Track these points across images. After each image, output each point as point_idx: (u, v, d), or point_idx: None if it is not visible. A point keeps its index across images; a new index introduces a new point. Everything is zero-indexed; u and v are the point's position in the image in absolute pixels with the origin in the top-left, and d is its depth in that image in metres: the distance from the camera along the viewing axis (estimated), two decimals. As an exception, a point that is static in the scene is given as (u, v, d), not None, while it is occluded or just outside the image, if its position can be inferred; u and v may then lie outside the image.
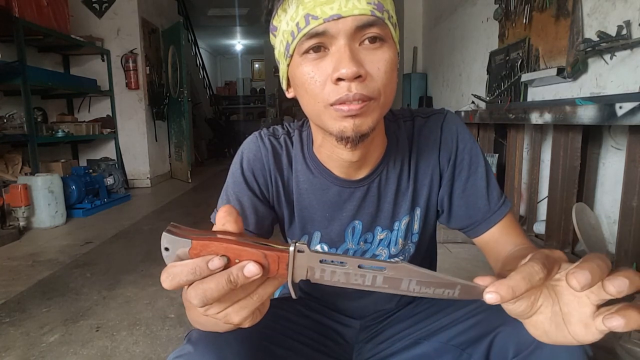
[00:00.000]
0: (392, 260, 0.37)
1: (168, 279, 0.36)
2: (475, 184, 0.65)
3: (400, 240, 0.68)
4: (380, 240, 0.69)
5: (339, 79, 0.49)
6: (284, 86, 0.59)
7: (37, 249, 2.54)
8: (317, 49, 0.50)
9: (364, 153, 0.60)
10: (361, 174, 0.65)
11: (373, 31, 0.49)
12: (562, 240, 1.94)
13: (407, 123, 0.67)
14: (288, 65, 0.55)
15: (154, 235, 2.84)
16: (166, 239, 0.37)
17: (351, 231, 0.68)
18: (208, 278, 0.35)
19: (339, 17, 0.48)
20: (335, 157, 0.61)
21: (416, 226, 0.69)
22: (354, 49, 0.49)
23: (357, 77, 0.49)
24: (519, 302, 0.38)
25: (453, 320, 0.63)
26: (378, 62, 0.50)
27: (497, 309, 0.56)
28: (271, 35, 0.57)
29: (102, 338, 1.47)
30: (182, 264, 0.36)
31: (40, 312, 1.67)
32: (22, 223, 2.87)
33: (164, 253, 0.38)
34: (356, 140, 0.53)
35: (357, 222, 0.67)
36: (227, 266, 0.36)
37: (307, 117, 0.61)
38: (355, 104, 0.50)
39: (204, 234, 0.37)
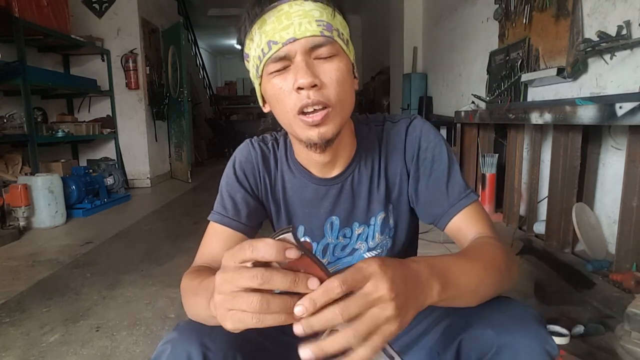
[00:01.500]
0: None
1: (263, 279, 0.38)
2: (436, 180, 0.69)
3: (377, 235, 0.74)
4: (359, 234, 0.74)
5: (299, 88, 0.58)
6: (260, 103, 0.68)
7: (37, 249, 2.54)
8: (281, 68, 0.60)
9: (334, 153, 0.68)
10: (334, 173, 0.72)
11: (324, 50, 0.59)
12: (562, 240, 1.94)
13: (377, 127, 0.74)
14: (260, 84, 0.64)
15: (154, 235, 2.85)
16: (284, 237, 0.40)
17: (329, 226, 0.74)
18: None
19: (294, 40, 0.57)
20: (310, 159, 0.70)
21: (391, 221, 0.74)
22: (309, 63, 0.58)
23: (314, 86, 0.58)
24: None
25: (427, 326, 0.67)
26: (330, 72, 0.59)
27: (459, 314, 0.58)
28: (245, 62, 0.66)
29: (102, 338, 1.47)
30: (284, 274, 0.38)
31: (40, 312, 1.67)
32: (22, 223, 2.87)
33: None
34: (323, 145, 0.62)
35: (334, 217, 0.74)
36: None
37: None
38: (316, 114, 0.59)
39: (314, 258, 0.40)
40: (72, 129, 3.88)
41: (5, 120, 3.31)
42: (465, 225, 0.67)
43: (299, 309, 0.37)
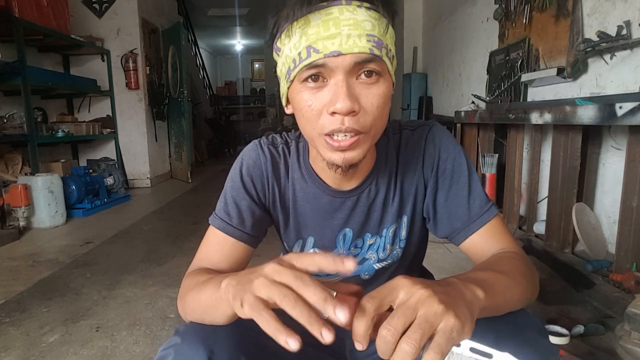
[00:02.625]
0: (500, 352, 0.39)
1: (302, 280, 0.39)
2: (457, 193, 0.67)
3: (387, 246, 0.71)
4: (370, 245, 0.72)
5: (334, 112, 0.52)
6: (283, 102, 0.63)
7: (37, 249, 2.54)
8: (315, 77, 0.54)
9: (354, 169, 0.64)
10: (351, 185, 0.68)
11: (370, 67, 0.53)
12: (562, 240, 1.94)
13: (395, 136, 0.70)
14: (288, 87, 0.58)
15: (154, 235, 2.85)
16: None
17: (342, 238, 0.71)
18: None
19: (339, 54, 0.51)
20: (327, 170, 0.65)
21: (403, 233, 0.72)
22: (350, 84, 0.53)
23: (351, 112, 0.52)
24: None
25: None
26: (372, 97, 0.54)
27: None
28: (274, 53, 0.60)
29: (102, 338, 1.47)
30: (320, 288, 0.39)
31: (40, 312, 1.67)
32: (22, 223, 2.87)
33: None
34: (346, 169, 0.58)
35: (347, 229, 0.71)
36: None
37: None
38: (345, 140, 0.54)
39: (345, 293, 0.41)
40: (72, 129, 3.88)
41: (5, 120, 3.31)
42: (486, 241, 0.64)
43: (358, 346, 0.38)
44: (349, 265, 0.39)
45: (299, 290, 0.38)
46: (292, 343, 0.37)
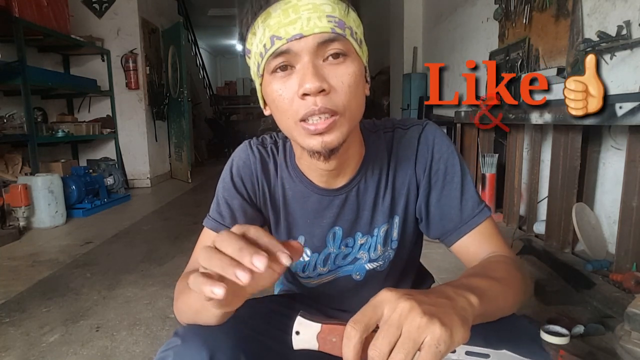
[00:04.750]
0: (497, 351, 0.39)
1: (221, 237, 0.39)
2: (449, 194, 0.66)
3: (379, 247, 0.71)
4: (361, 244, 0.71)
5: (305, 94, 0.52)
6: (261, 104, 0.62)
7: (37, 249, 2.54)
8: (284, 67, 0.54)
9: (340, 162, 0.63)
10: (339, 183, 0.67)
11: (335, 47, 0.53)
12: (562, 240, 1.94)
13: (387, 134, 0.69)
14: (261, 84, 0.58)
15: (154, 235, 2.85)
16: (298, 322, 0.41)
17: (332, 237, 0.71)
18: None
19: (301, 37, 0.51)
20: (313, 167, 0.64)
21: (395, 234, 0.71)
22: (317, 65, 0.53)
23: (321, 92, 0.52)
24: None
25: None
26: (342, 76, 0.53)
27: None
28: (246, 58, 0.61)
29: (102, 338, 1.47)
30: (236, 240, 0.38)
31: (40, 312, 1.67)
32: (22, 223, 2.87)
33: (295, 337, 0.41)
34: (327, 154, 0.56)
35: (337, 228, 0.70)
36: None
37: None
38: (321, 122, 0.53)
39: (332, 321, 0.40)
40: (72, 129, 3.88)
41: (5, 120, 3.31)
42: (477, 243, 0.63)
43: None
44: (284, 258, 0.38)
45: (219, 247, 0.38)
46: (217, 290, 0.36)
